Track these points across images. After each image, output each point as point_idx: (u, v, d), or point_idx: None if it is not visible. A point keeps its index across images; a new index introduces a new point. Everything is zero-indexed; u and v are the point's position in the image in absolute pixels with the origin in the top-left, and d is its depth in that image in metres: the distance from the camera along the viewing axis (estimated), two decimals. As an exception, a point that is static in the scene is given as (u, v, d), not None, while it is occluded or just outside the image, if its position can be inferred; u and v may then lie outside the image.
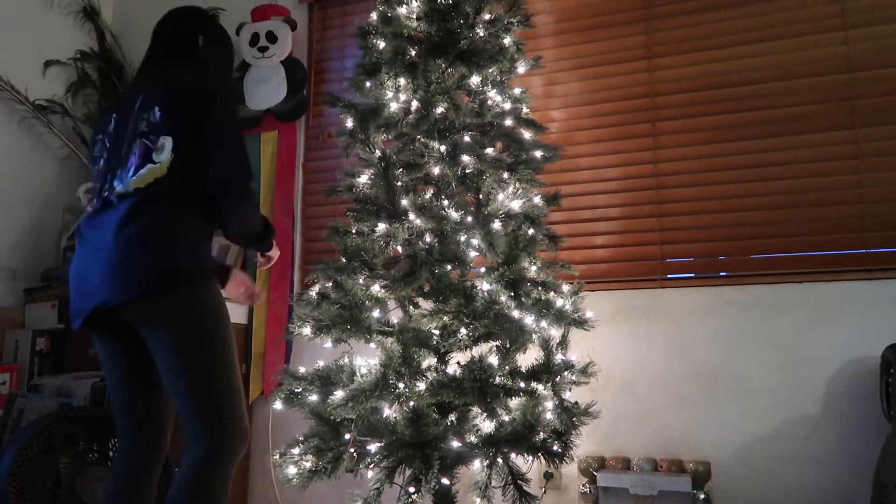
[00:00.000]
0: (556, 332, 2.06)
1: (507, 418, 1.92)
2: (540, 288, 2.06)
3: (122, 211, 1.56)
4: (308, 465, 1.96)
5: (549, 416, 1.95)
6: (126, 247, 1.52)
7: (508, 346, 1.98)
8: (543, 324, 2.01)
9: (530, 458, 1.90)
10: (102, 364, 1.71)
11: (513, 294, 2.00)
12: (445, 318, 2.00)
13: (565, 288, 2.14)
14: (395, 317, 2.10)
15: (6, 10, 2.99)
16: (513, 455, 1.91)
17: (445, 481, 1.90)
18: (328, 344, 2.05)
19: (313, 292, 2.13)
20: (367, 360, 2.06)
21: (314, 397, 1.99)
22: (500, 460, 1.88)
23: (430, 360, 2.01)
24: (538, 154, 2.19)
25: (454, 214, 2.02)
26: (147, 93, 1.71)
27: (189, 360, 1.53)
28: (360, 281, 2.04)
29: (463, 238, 2.01)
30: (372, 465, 1.94)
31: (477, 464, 1.89)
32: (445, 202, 2.06)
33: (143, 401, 1.68)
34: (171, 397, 1.60)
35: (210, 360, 1.55)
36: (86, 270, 1.58)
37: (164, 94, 1.68)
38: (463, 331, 1.97)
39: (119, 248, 1.52)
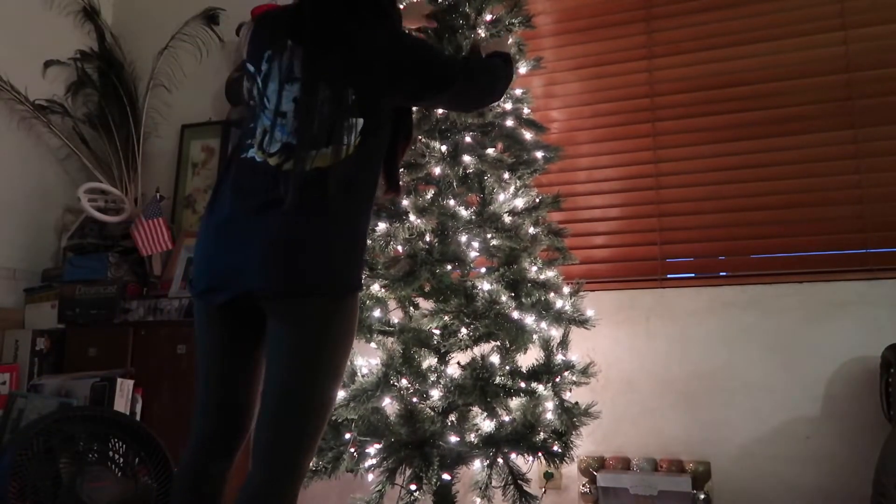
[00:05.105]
0: (556, 333, 2.06)
1: (507, 418, 1.93)
2: (541, 289, 2.06)
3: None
4: (308, 465, 1.96)
5: (549, 416, 1.95)
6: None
7: (509, 346, 1.98)
8: (543, 324, 2.02)
9: (530, 458, 1.91)
10: (203, 333, 1.48)
11: (513, 294, 2.00)
12: (446, 317, 2.00)
13: (565, 289, 2.15)
14: (396, 317, 2.10)
15: (6, 10, 2.98)
16: (513, 455, 1.91)
17: (446, 477, 1.90)
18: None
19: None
20: (367, 360, 2.06)
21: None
22: (500, 460, 1.88)
23: (430, 361, 2.01)
24: (539, 154, 2.20)
25: (463, 212, 2.02)
26: None
27: (311, 368, 1.37)
28: (361, 281, 2.04)
29: (464, 238, 2.01)
30: (373, 468, 1.94)
31: (477, 464, 1.90)
32: (447, 202, 2.06)
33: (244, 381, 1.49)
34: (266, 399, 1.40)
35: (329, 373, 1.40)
36: (233, 245, 1.38)
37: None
38: (463, 331, 1.97)
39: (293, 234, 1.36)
